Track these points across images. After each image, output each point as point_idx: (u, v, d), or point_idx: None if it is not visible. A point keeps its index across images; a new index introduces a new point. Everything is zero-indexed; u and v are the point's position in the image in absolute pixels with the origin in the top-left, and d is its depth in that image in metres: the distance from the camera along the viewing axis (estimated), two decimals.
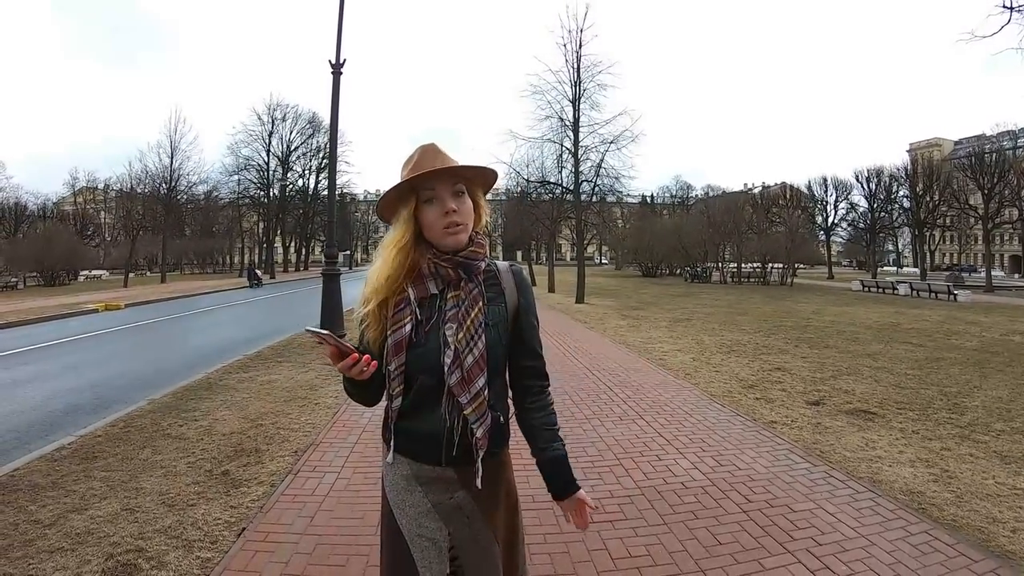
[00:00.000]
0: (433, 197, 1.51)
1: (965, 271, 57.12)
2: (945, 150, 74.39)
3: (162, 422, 5.83)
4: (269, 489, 4.16)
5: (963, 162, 47.71)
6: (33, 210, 56.79)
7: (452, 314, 1.50)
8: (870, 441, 5.27)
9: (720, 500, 3.95)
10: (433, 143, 1.56)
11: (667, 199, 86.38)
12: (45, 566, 3.11)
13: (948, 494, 4.09)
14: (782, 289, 35.98)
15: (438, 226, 1.51)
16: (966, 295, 27.78)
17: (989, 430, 5.68)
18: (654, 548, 3.29)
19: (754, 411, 6.30)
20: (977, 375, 8.44)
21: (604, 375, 8.23)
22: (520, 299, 1.64)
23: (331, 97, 11.41)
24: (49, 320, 17.15)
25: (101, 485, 4.24)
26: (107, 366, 9.95)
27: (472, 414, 1.47)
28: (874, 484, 4.23)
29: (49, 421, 6.34)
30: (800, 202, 61.59)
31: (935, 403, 6.71)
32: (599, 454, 4.93)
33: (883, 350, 10.72)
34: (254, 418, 5.96)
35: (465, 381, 1.46)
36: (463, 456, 1.49)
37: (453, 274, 1.53)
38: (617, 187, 25.33)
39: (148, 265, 60.52)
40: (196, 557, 3.21)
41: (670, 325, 14.88)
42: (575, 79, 22.88)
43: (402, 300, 1.52)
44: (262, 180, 57.04)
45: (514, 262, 1.75)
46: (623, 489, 4.16)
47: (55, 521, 3.66)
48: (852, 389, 7.35)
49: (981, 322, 16.37)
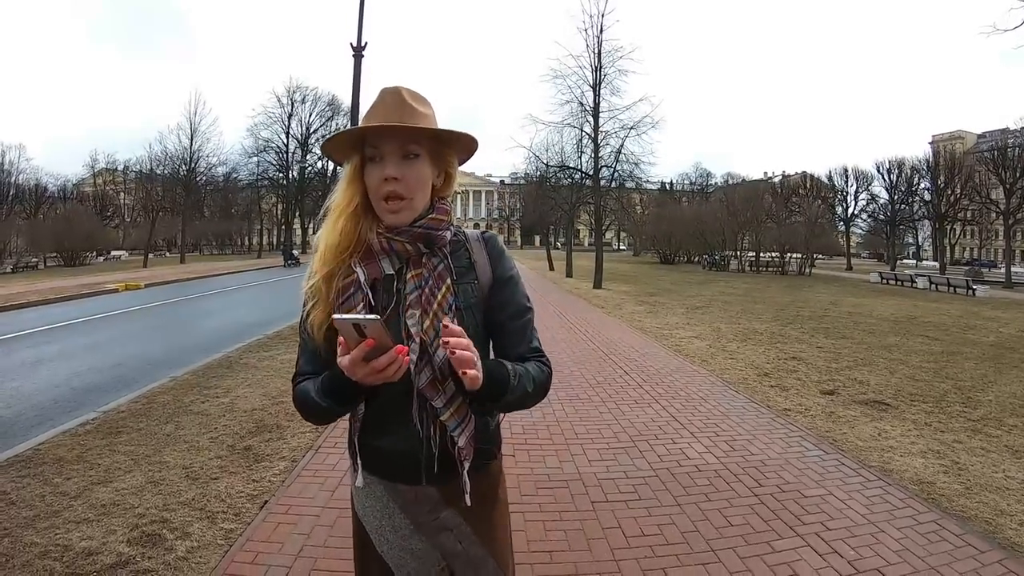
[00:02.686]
0: (376, 155, 1.25)
1: (985, 266, 56.34)
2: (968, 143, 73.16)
3: (184, 399, 5.96)
4: (291, 464, 4.27)
5: (985, 156, 47.02)
6: (53, 191, 57.51)
7: (414, 298, 1.24)
8: (882, 431, 5.29)
9: (732, 484, 4.01)
10: (400, 87, 1.28)
11: (687, 186, 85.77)
12: (72, 536, 3.21)
13: (958, 485, 4.10)
14: (800, 279, 35.73)
15: (378, 193, 1.25)
16: (985, 290, 27.59)
17: (1002, 425, 5.67)
18: (667, 528, 3.36)
19: (768, 398, 6.33)
20: (992, 370, 8.38)
21: (620, 360, 8.29)
22: (495, 272, 1.36)
23: (352, 81, 11.45)
24: (69, 300, 17.35)
25: (125, 459, 4.36)
26: (127, 345, 10.13)
27: (451, 419, 1.23)
28: (885, 473, 4.26)
29: (71, 398, 6.48)
30: (820, 192, 60.99)
31: (949, 396, 6.69)
32: (614, 436, 5.01)
33: (899, 342, 10.66)
34: (275, 396, 6.09)
35: (438, 380, 1.21)
36: (445, 470, 1.27)
37: (410, 249, 1.27)
38: (636, 173, 25.30)
39: (167, 246, 61.12)
40: (220, 528, 3.32)
41: (687, 312, 14.90)
42: (596, 64, 22.75)
43: (350, 283, 1.25)
44: (281, 162, 57.53)
45: (486, 230, 1.48)
46: (637, 470, 4.24)
47: (80, 493, 3.77)
48: (867, 380, 7.35)
49: (999, 317, 16.20)
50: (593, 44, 22.65)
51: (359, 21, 11.48)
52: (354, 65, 11.49)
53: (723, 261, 44.42)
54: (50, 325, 12.20)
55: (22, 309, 15.27)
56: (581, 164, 25.78)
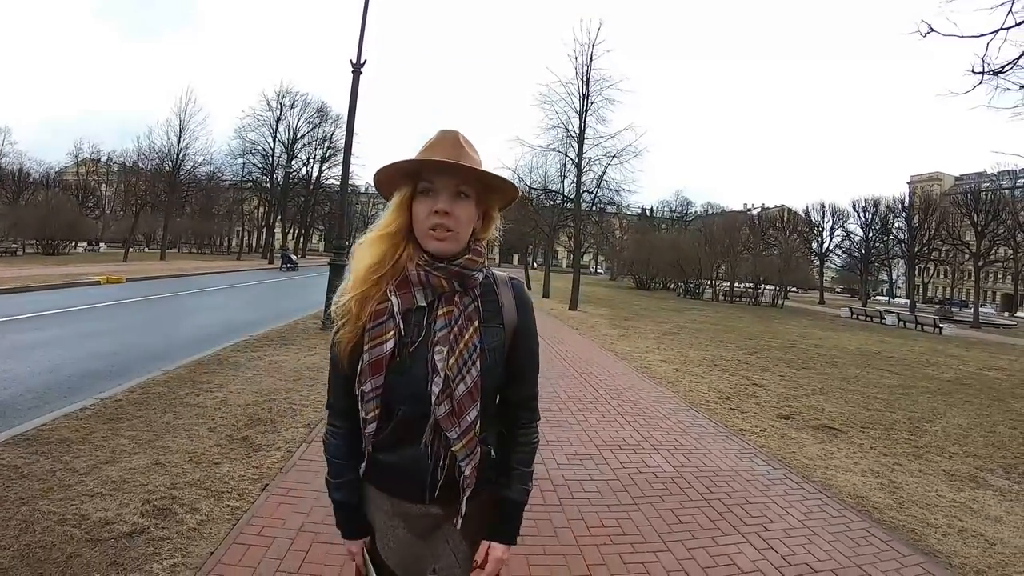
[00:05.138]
0: (429, 189, 1.33)
1: (956, 305, 57.62)
2: (946, 184, 75.15)
3: (179, 391, 6.24)
4: (287, 454, 4.64)
5: (959, 198, 48.26)
6: (36, 178, 56.91)
7: (443, 335, 1.33)
8: (829, 452, 5.77)
9: (685, 489, 4.47)
10: (458, 132, 1.40)
11: (667, 213, 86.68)
12: (87, 507, 3.51)
13: (891, 500, 4.58)
14: (772, 311, 36.55)
15: (424, 224, 1.33)
16: (951, 329, 28.33)
17: (943, 452, 6.17)
18: (624, 522, 3.81)
19: (727, 419, 6.80)
20: (944, 403, 8.92)
21: (591, 378, 8.72)
22: (519, 320, 1.46)
23: (349, 96, 11.74)
24: (53, 288, 17.39)
25: (129, 442, 4.64)
26: (117, 336, 10.36)
27: (462, 450, 1.33)
28: (825, 487, 4.73)
29: (67, 385, 6.67)
30: (797, 226, 62.08)
31: (898, 425, 7.20)
32: (582, 444, 5.45)
33: (859, 375, 11.21)
34: (266, 393, 6.41)
35: (455, 413, 1.31)
36: (448, 492, 1.36)
37: (446, 285, 1.35)
38: (617, 199, 25.89)
39: (146, 241, 60.61)
40: (226, 505, 3.68)
41: (658, 337, 15.37)
42: (584, 92, 23.52)
43: (384, 311, 1.33)
44: (266, 165, 57.34)
45: (514, 276, 1.54)
46: (600, 474, 4.68)
47: (90, 471, 4.05)
48: (822, 407, 7.85)
49: (961, 356, 16.83)
50: (582, 72, 23.47)
51: (360, 38, 11.70)
52: (352, 81, 11.76)
53: (698, 289, 45.01)
54: (39, 312, 12.30)
55: (10, 294, 15.27)
56: (564, 188, 26.46)
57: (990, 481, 5.33)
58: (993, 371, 13.77)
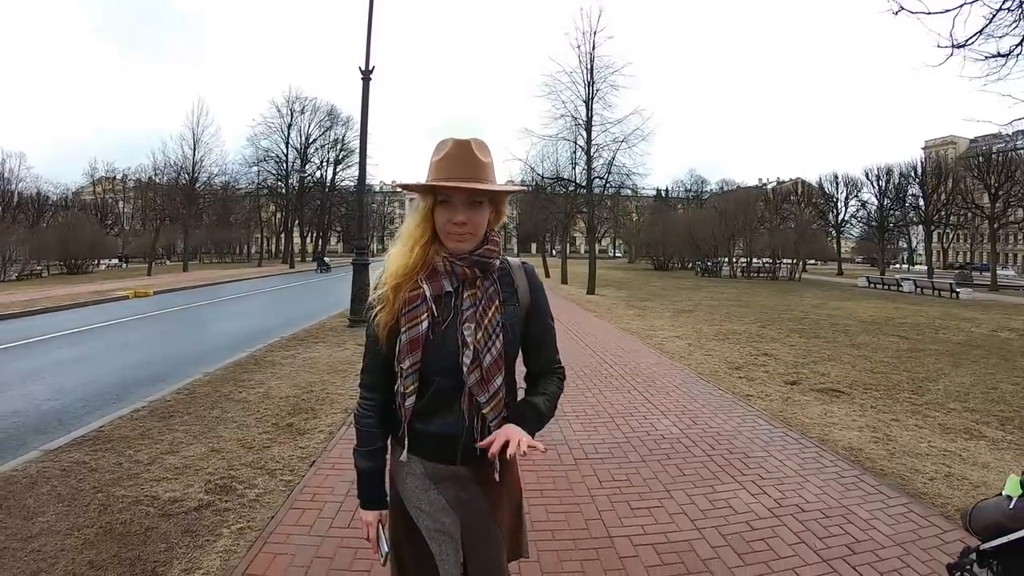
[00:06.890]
0: (447, 201, 1.50)
1: (978, 269, 56.94)
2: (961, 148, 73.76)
3: (222, 389, 6.75)
4: (329, 436, 5.13)
5: (970, 161, 47.62)
6: (55, 200, 58.13)
7: (470, 313, 1.51)
8: (829, 412, 6.14)
9: (690, 447, 4.91)
10: (469, 143, 1.51)
11: (681, 193, 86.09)
12: (157, 489, 4.00)
13: (883, 451, 4.93)
14: (790, 284, 36.51)
15: (445, 229, 1.51)
16: (968, 292, 28.17)
17: (941, 408, 6.45)
18: (633, 476, 4.27)
19: (735, 387, 7.19)
20: (950, 364, 9.16)
21: (607, 356, 9.17)
22: (532, 298, 1.65)
23: (361, 104, 12.13)
24: (84, 306, 18.03)
25: (184, 435, 5.13)
26: (152, 346, 11.02)
27: (491, 412, 1.51)
28: (822, 442, 5.11)
29: (114, 392, 7.19)
30: (812, 198, 61.67)
31: (901, 386, 7.49)
32: (596, 414, 5.92)
33: (869, 341, 11.47)
34: (304, 386, 6.92)
35: (484, 381, 1.49)
36: (476, 454, 1.52)
37: (469, 272, 1.53)
38: (628, 184, 26.13)
39: (167, 254, 61.67)
40: (279, 480, 4.17)
41: (673, 315, 15.76)
42: (588, 80, 23.77)
43: (417, 296, 1.51)
44: (280, 171, 58.16)
45: (525, 260, 1.74)
46: (612, 438, 5.15)
47: (153, 460, 4.54)
48: (828, 372, 8.20)
49: (976, 318, 16.89)
50: (586, 60, 23.72)
51: (367, 45, 11.98)
52: (363, 88, 12.09)
53: (716, 267, 44.96)
54: (76, 329, 12.94)
55: (43, 314, 15.92)
56: (575, 175, 26.75)
57: (984, 432, 5.60)
58: (1007, 332, 13.85)
